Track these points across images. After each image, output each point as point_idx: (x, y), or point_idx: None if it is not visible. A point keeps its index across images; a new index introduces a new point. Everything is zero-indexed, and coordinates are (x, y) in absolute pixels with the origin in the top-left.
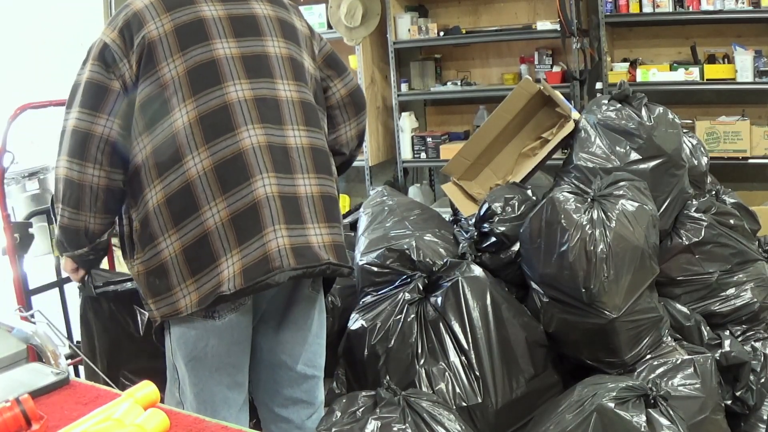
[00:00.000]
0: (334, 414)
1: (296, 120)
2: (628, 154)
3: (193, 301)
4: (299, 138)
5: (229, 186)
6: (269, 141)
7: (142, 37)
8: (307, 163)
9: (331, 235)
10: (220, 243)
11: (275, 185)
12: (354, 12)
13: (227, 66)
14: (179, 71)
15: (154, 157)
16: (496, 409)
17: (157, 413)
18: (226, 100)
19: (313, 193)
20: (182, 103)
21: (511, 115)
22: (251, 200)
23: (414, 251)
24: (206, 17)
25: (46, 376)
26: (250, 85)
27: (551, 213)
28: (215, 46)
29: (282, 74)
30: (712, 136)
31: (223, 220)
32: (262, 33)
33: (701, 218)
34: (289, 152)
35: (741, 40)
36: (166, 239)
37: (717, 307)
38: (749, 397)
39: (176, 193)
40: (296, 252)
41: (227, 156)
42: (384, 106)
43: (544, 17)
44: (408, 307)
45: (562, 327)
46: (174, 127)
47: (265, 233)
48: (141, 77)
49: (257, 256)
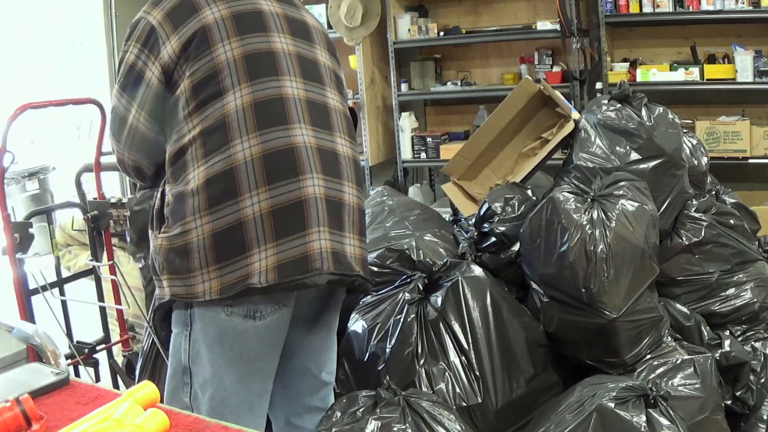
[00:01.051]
0: (335, 414)
1: (342, 129)
2: (628, 154)
3: (213, 288)
4: (345, 147)
5: (275, 178)
6: (319, 144)
7: (195, 22)
8: (351, 173)
9: (361, 249)
10: (254, 234)
11: (323, 187)
12: (354, 12)
13: (284, 60)
14: (235, 54)
15: (202, 137)
16: (496, 409)
17: (157, 413)
18: (283, 93)
19: (354, 203)
20: (237, 86)
21: (511, 115)
22: (298, 197)
23: (414, 251)
24: (264, 11)
25: (46, 376)
26: (304, 86)
27: (551, 213)
28: (273, 38)
29: (329, 83)
30: (712, 136)
31: (262, 211)
32: (313, 40)
33: (701, 218)
34: (338, 158)
35: (741, 40)
36: (196, 220)
37: (717, 307)
38: (749, 397)
39: (218, 176)
40: (335, 257)
41: (278, 147)
42: (384, 106)
43: (544, 17)
44: (408, 307)
45: (562, 327)
46: (226, 108)
47: (309, 232)
48: (191, 59)
49: (296, 254)
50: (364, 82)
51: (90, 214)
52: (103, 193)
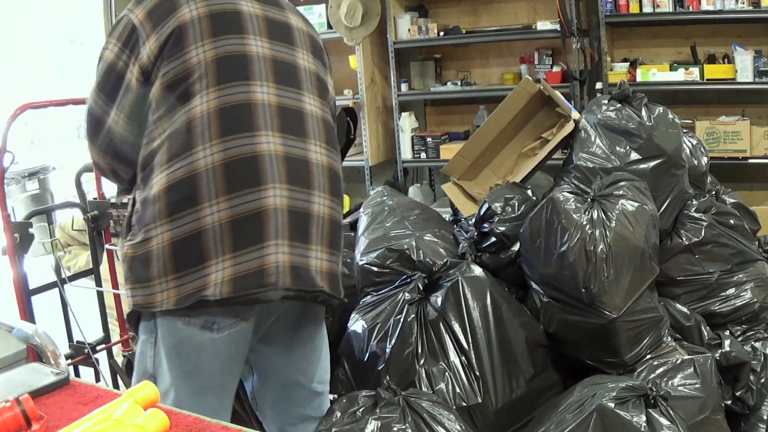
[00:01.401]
0: (334, 414)
1: (318, 136)
2: (628, 154)
3: (170, 297)
4: (320, 155)
5: (235, 187)
6: (287, 152)
7: (173, 20)
8: (325, 182)
9: (330, 263)
10: (213, 244)
11: (286, 198)
12: (354, 12)
13: (257, 64)
14: (207, 56)
15: (168, 142)
16: (496, 409)
17: (157, 413)
18: (251, 98)
19: (325, 214)
20: (205, 90)
21: (511, 115)
22: (257, 207)
23: (414, 251)
24: (243, 11)
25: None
26: (277, 91)
27: (551, 213)
28: (249, 41)
29: (308, 88)
30: (712, 136)
31: (222, 221)
32: (294, 43)
33: (701, 218)
34: (309, 166)
35: (741, 40)
36: (157, 227)
37: (717, 307)
38: (749, 397)
39: (178, 183)
40: (294, 272)
41: (241, 155)
42: (384, 106)
43: (544, 17)
44: (408, 307)
45: (562, 327)
46: (191, 113)
47: (266, 245)
48: (165, 59)
49: (252, 267)
50: (364, 82)
51: (90, 214)
52: (103, 193)
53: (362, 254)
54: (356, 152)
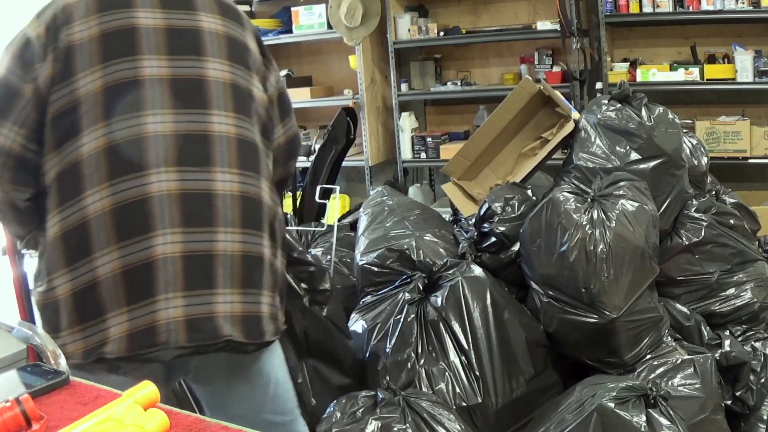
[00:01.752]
0: (334, 414)
1: (229, 162)
2: (628, 154)
3: (78, 350)
4: (231, 183)
5: (125, 235)
6: (183, 188)
7: (64, 38)
8: (235, 214)
9: (245, 304)
10: (109, 297)
11: (179, 243)
12: (354, 12)
13: (151, 90)
14: (96, 87)
15: (57, 182)
16: (496, 409)
17: (157, 413)
18: (142, 131)
19: (235, 251)
20: (92, 125)
21: (511, 115)
22: (145, 258)
23: (414, 251)
24: (139, 26)
25: (46, 376)
26: (175, 117)
27: (551, 213)
28: (142, 63)
29: (219, 104)
30: (712, 136)
31: (115, 271)
32: (203, 52)
33: (701, 218)
34: (212, 200)
35: (741, 40)
36: (59, 277)
37: (717, 307)
38: (749, 397)
39: (73, 230)
40: (190, 326)
41: (129, 199)
42: (384, 106)
43: (544, 17)
44: (408, 307)
45: (562, 327)
46: (80, 152)
47: (155, 300)
48: (57, 84)
49: (144, 323)
50: (364, 82)
51: None
52: None
53: (362, 254)
54: (356, 152)
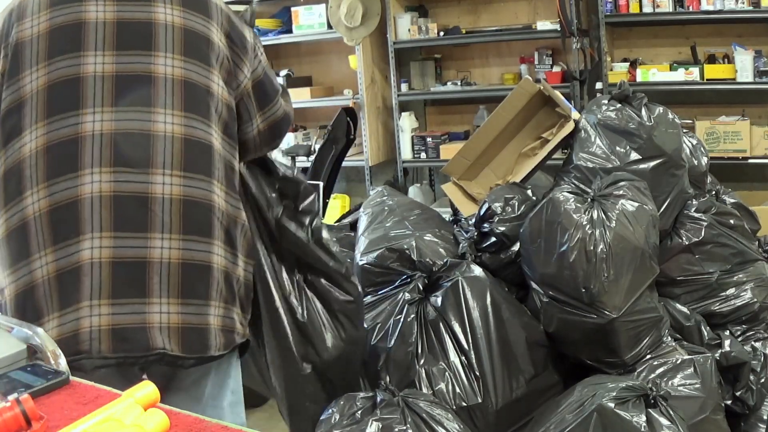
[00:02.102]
0: (333, 416)
1: (172, 163)
2: (628, 154)
3: None
4: (170, 186)
5: (59, 238)
6: (117, 189)
7: (15, 35)
8: (174, 219)
9: (185, 315)
10: (45, 301)
11: (108, 248)
12: (354, 12)
13: (92, 88)
14: (40, 84)
15: (4, 182)
16: (496, 409)
17: (157, 413)
18: (80, 131)
19: (172, 258)
20: (34, 125)
21: (511, 115)
22: (74, 263)
23: (414, 251)
24: (88, 20)
25: (46, 376)
26: (114, 115)
27: (551, 213)
28: (86, 59)
29: (167, 102)
30: (712, 136)
31: (50, 274)
32: (154, 47)
33: (701, 218)
34: (150, 204)
35: (741, 40)
36: (5, 278)
37: (717, 307)
38: (749, 397)
39: (14, 231)
40: (116, 335)
41: (62, 202)
42: (384, 106)
43: (544, 17)
44: (408, 307)
45: (562, 327)
46: (21, 152)
47: (81, 306)
48: (6, 82)
49: (70, 330)
50: (364, 82)
51: None
52: None
53: (362, 254)
54: (356, 152)
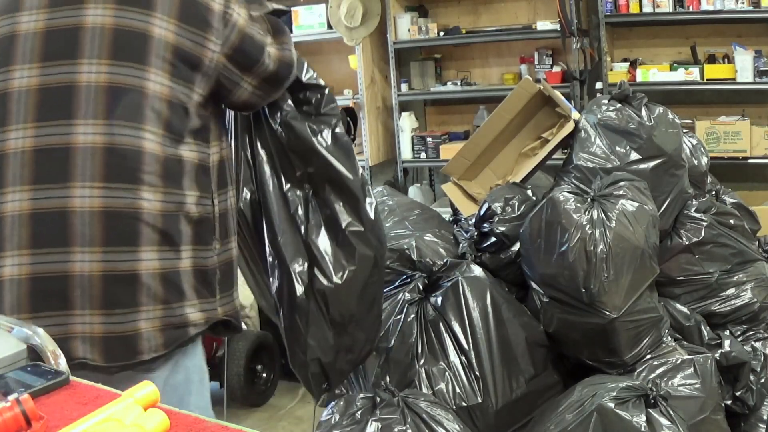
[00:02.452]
0: (333, 417)
1: (92, 175)
2: (628, 154)
3: None
4: (89, 199)
5: None
6: (36, 207)
7: None
8: (95, 232)
9: (109, 325)
10: None
11: (27, 265)
12: (354, 12)
13: (16, 104)
14: None
15: None
16: (496, 409)
17: (157, 413)
18: (3, 148)
19: (94, 271)
20: None
21: (511, 115)
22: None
23: (414, 251)
24: (19, 32)
25: (46, 376)
26: (36, 131)
27: (551, 213)
28: (13, 74)
29: (88, 112)
30: (712, 136)
31: None
32: (79, 53)
33: (701, 218)
34: (68, 218)
35: (741, 40)
36: None
37: (717, 307)
38: (749, 397)
39: None
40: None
41: None
42: (384, 106)
43: (544, 17)
44: (408, 307)
45: (562, 327)
46: None
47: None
48: None
49: None
50: (364, 82)
51: None
52: None
53: None
54: (356, 152)
